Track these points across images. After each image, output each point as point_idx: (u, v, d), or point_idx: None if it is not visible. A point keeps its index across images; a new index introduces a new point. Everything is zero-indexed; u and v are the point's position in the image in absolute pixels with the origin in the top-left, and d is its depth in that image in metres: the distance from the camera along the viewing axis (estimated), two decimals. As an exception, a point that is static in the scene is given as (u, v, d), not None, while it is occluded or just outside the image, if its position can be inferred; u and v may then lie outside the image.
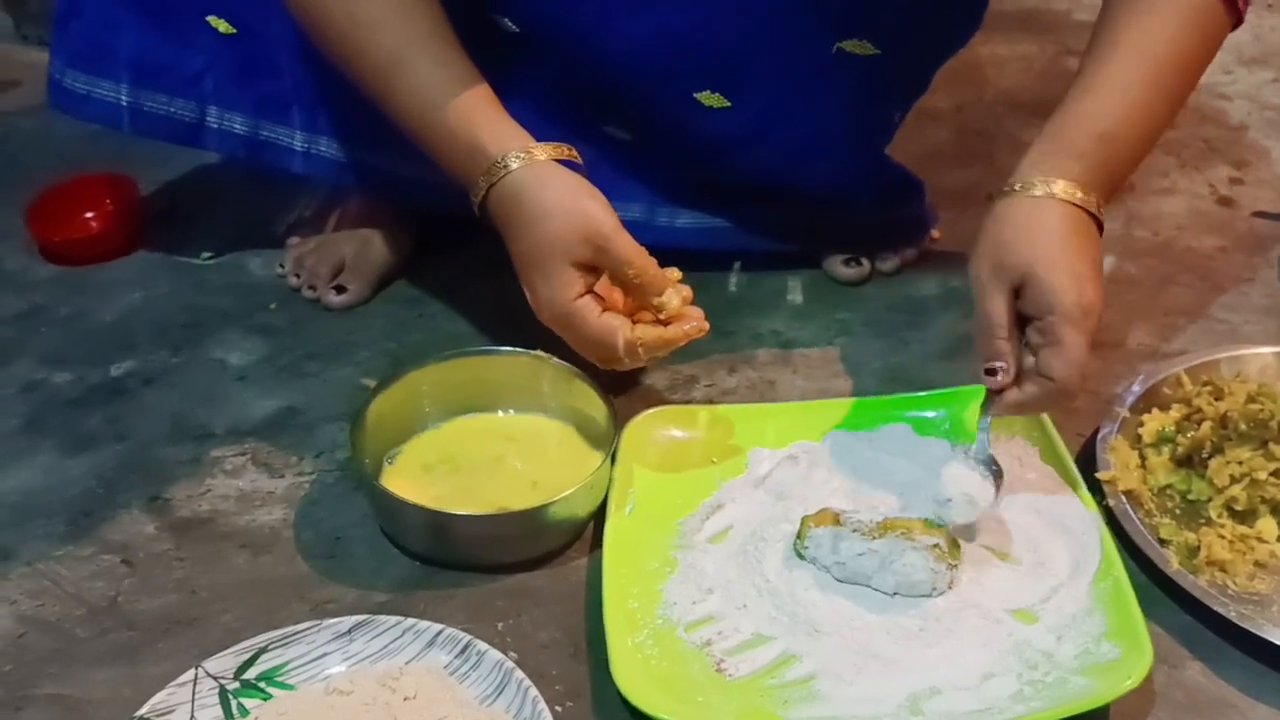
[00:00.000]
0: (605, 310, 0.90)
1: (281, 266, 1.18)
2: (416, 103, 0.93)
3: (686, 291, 0.91)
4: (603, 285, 0.91)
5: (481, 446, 0.96)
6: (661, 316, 0.91)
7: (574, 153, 0.93)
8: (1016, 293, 0.85)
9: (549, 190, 0.89)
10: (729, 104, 1.04)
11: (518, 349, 0.99)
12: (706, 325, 0.92)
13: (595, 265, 0.89)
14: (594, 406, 0.95)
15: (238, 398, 1.05)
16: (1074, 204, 0.86)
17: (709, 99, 1.03)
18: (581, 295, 0.89)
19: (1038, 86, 1.51)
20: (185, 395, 1.05)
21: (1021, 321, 0.86)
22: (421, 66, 0.92)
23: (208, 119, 1.10)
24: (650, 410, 0.98)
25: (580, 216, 0.88)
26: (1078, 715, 0.75)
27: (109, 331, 1.13)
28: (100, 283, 1.19)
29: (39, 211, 1.23)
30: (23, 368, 1.09)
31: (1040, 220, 0.86)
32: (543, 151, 0.90)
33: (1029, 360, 0.85)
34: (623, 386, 1.04)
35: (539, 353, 0.98)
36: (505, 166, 0.89)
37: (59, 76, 1.10)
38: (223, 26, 1.06)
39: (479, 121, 0.91)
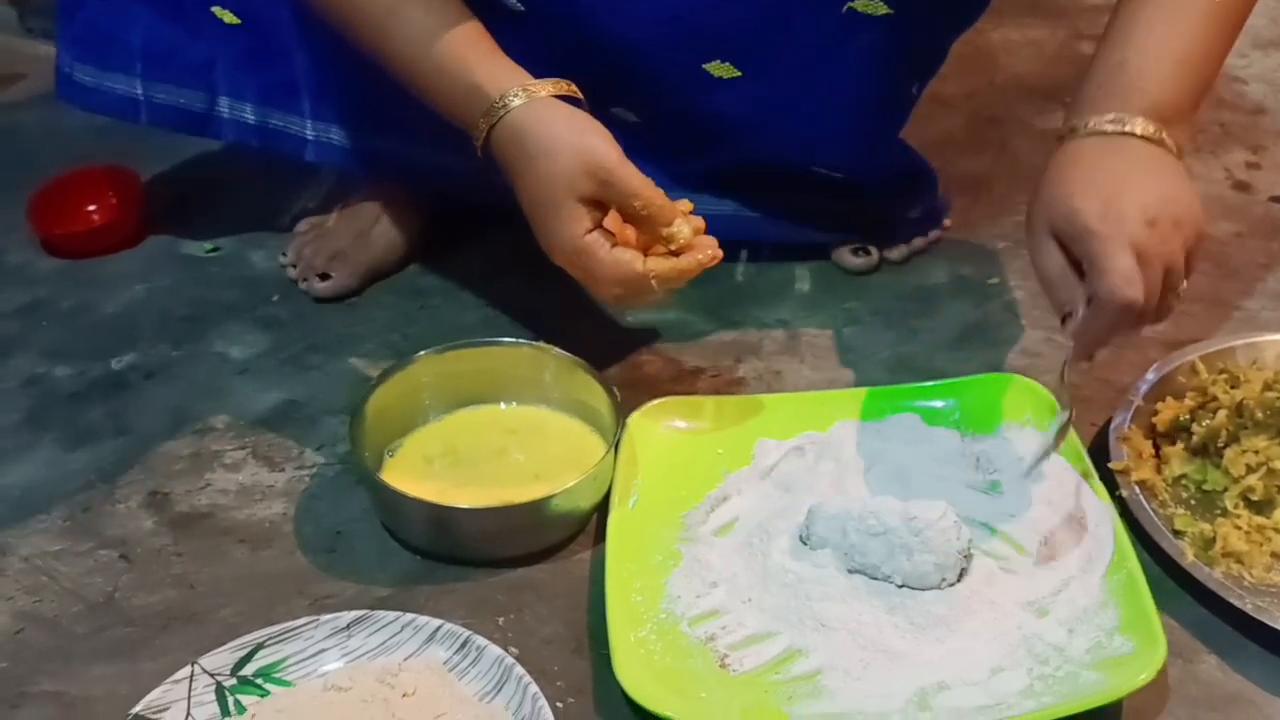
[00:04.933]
0: (616, 245, 0.88)
1: (283, 255, 1.17)
2: (411, 51, 0.91)
3: (698, 222, 0.90)
4: (614, 223, 0.89)
5: (483, 439, 0.95)
6: (673, 248, 0.89)
7: (574, 89, 0.91)
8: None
9: (550, 126, 0.88)
10: (740, 73, 1.02)
11: (519, 340, 0.98)
12: (720, 253, 0.90)
13: (601, 200, 0.87)
14: (597, 398, 0.94)
15: (239, 391, 1.04)
16: (1107, 134, 0.85)
17: (719, 69, 1.01)
18: (590, 231, 0.87)
19: (1049, 71, 1.48)
20: (186, 389, 1.04)
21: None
22: (414, 14, 0.91)
23: (218, 108, 1.08)
24: (654, 401, 0.96)
25: (583, 151, 0.87)
26: (1090, 711, 0.74)
27: (110, 325, 1.12)
28: (102, 276, 1.18)
29: (40, 204, 1.22)
30: (24, 362, 1.08)
31: (1068, 158, 0.85)
32: (542, 88, 0.89)
33: None
34: (627, 377, 1.03)
35: (541, 344, 0.97)
36: (505, 106, 0.88)
37: (68, 70, 1.09)
38: (228, 17, 1.04)
39: (475, 64, 0.90)
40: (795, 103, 1.04)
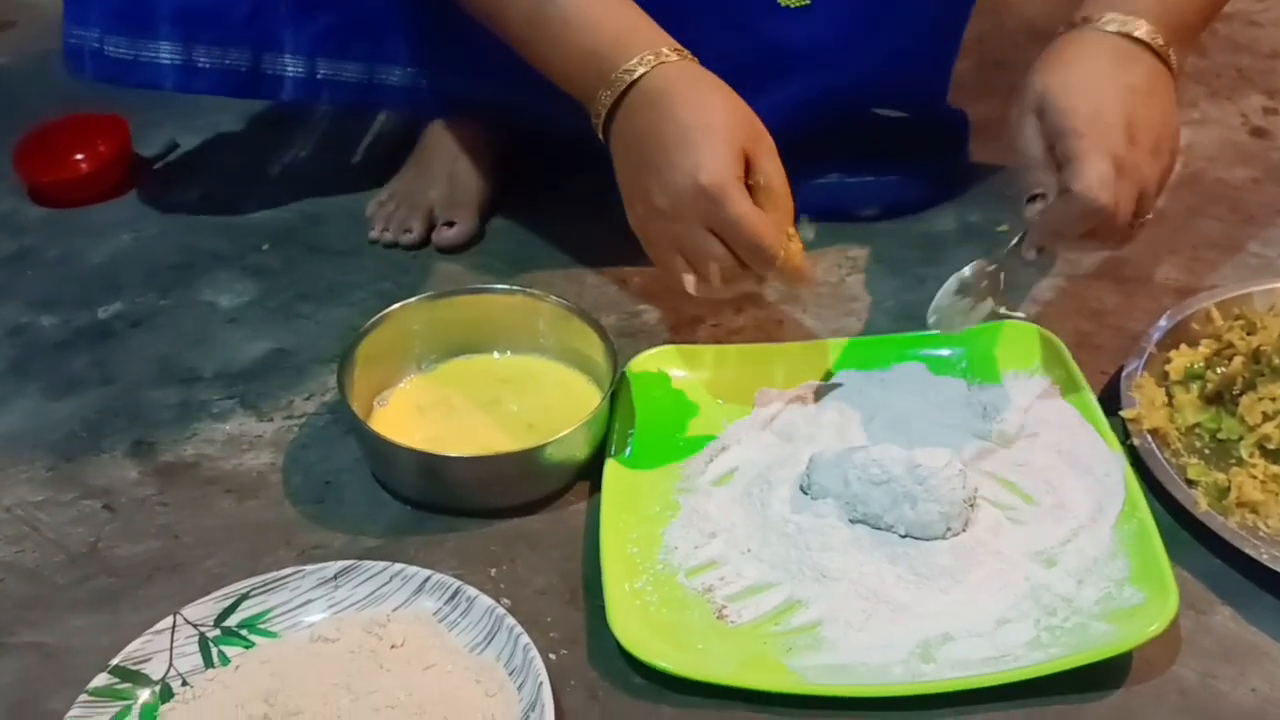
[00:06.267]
0: None
1: (372, 231, 1.12)
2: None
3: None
4: None
5: (476, 388, 0.92)
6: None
7: None
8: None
9: (715, 80, 0.85)
10: (808, 2, 0.99)
11: (514, 287, 0.95)
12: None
13: (751, 159, 0.82)
14: (593, 346, 0.91)
15: (227, 340, 1.02)
16: (1119, 35, 0.84)
17: None
18: (740, 178, 0.82)
19: (1060, 15, 1.43)
20: (173, 338, 1.02)
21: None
22: None
23: (264, 65, 1.02)
24: (652, 349, 0.94)
25: (748, 111, 0.84)
26: (1099, 662, 0.71)
27: (97, 274, 1.10)
28: (90, 225, 1.16)
29: (27, 152, 1.20)
30: (10, 311, 1.06)
31: (1064, 49, 0.86)
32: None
33: None
34: (624, 326, 1.00)
35: (536, 291, 0.94)
36: (679, 51, 0.85)
37: (98, 45, 1.00)
38: None
39: (642, 19, 0.87)
40: (865, 32, 1.01)
